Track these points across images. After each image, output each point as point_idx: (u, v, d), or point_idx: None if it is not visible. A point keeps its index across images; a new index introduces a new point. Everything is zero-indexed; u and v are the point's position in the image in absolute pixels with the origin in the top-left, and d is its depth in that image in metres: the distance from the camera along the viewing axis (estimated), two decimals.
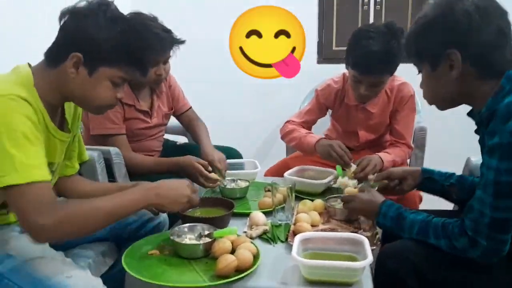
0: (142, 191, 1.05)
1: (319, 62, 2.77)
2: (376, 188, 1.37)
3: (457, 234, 0.97)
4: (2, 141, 0.89)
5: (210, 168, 1.59)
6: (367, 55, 1.60)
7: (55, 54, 1.04)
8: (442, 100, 1.09)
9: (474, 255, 0.95)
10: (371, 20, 2.68)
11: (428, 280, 0.99)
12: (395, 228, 1.11)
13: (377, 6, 2.67)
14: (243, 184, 1.60)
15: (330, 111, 2.04)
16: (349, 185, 1.54)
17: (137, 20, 1.57)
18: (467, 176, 1.29)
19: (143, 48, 1.11)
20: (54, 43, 1.06)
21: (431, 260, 1.00)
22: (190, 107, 2.02)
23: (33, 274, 0.95)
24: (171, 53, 1.67)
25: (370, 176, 1.46)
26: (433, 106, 1.15)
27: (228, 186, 1.59)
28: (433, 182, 1.30)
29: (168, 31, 1.63)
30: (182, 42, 1.64)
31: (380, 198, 1.20)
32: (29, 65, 1.07)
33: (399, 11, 2.64)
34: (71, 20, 1.03)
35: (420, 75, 1.11)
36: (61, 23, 1.04)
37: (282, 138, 1.97)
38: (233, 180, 1.63)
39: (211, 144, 1.82)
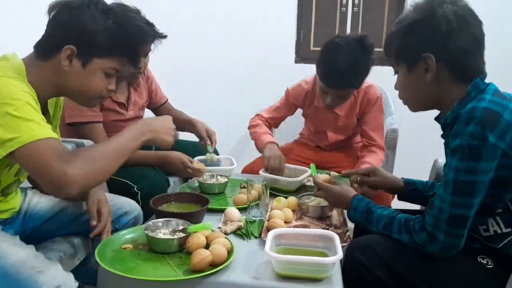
0: (138, 127, 1.07)
1: (296, 61, 2.80)
2: (348, 182, 1.42)
3: (417, 230, 1.02)
4: (9, 110, 0.90)
5: (193, 160, 1.66)
6: (334, 70, 1.63)
7: (47, 47, 1.05)
8: (415, 101, 1.13)
9: (433, 249, 1.00)
10: (349, 22, 2.73)
11: (395, 271, 1.03)
12: (364, 221, 1.16)
13: (355, 8, 2.72)
14: (222, 180, 1.62)
15: (301, 110, 2.08)
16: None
17: (120, 12, 1.57)
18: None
19: (137, 39, 1.14)
20: (44, 36, 1.06)
21: (397, 252, 1.05)
22: (167, 99, 2.05)
23: (3, 268, 0.94)
24: (152, 47, 1.67)
25: (352, 170, 1.49)
26: (405, 109, 1.19)
27: (207, 181, 1.60)
28: (417, 193, 1.34)
29: (151, 25, 1.62)
30: (164, 36, 1.64)
31: (351, 191, 1.25)
32: (16, 56, 1.06)
33: (376, 12, 2.70)
34: (63, 13, 1.03)
35: (396, 76, 1.15)
36: (51, 16, 1.04)
37: (248, 129, 2.03)
38: (213, 176, 1.64)
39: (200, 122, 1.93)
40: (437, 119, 1.14)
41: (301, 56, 2.81)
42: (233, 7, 2.75)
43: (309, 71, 2.12)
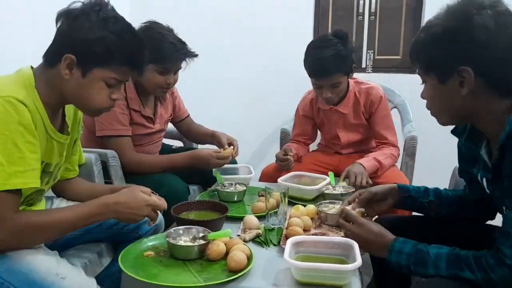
0: (100, 207, 1.07)
1: None
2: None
3: (494, 265, 0.89)
4: None
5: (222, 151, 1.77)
6: (318, 60, 1.81)
7: (52, 56, 1.06)
8: (445, 114, 1.03)
9: None
10: (366, 30, 2.74)
11: None
12: (413, 265, 0.99)
13: (372, 17, 2.72)
14: (240, 188, 1.64)
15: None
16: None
17: (154, 29, 1.65)
18: (440, 190, 1.27)
19: (139, 48, 1.11)
20: (50, 45, 1.08)
21: None
22: (188, 114, 2.11)
23: (28, 274, 0.96)
24: (183, 64, 1.73)
25: (353, 205, 1.30)
26: (423, 116, 1.18)
27: (226, 190, 1.62)
28: (412, 199, 1.27)
29: (183, 43, 1.69)
30: (195, 55, 1.72)
31: (389, 234, 1.09)
32: (31, 67, 1.09)
33: (393, 21, 2.70)
34: (65, 21, 1.05)
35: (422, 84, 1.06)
36: (57, 25, 1.06)
37: None
38: (232, 184, 1.67)
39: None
40: (454, 132, 1.09)
41: None
42: (249, 17, 2.79)
43: None
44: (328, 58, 1.78)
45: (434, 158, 2.50)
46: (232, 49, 2.84)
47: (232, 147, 1.85)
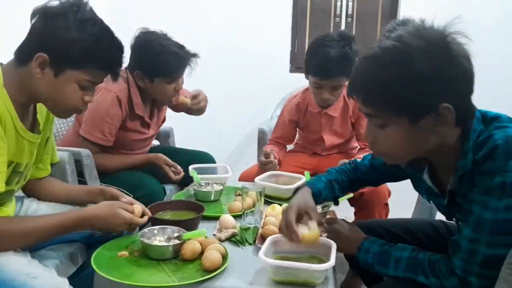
0: (76, 220, 1.09)
1: (291, 71, 2.84)
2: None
3: (445, 274, 0.92)
4: None
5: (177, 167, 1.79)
6: (326, 60, 1.74)
7: (23, 53, 1.03)
8: (406, 156, 0.97)
9: None
10: None
11: None
12: (377, 264, 1.04)
13: (349, 18, 2.77)
14: (217, 187, 1.64)
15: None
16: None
17: (154, 41, 1.67)
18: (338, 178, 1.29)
19: (117, 53, 1.10)
20: (23, 42, 1.05)
21: None
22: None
23: None
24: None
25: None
26: None
27: (203, 189, 1.62)
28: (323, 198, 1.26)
29: (182, 47, 1.71)
30: (195, 55, 1.74)
31: (361, 232, 1.14)
32: (1, 64, 1.06)
33: (369, 23, 2.76)
34: (40, 19, 1.02)
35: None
36: (31, 22, 1.03)
37: None
38: (208, 184, 1.66)
39: None
40: (410, 166, 1.03)
41: (296, 65, 2.84)
42: (228, 16, 2.79)
43: (304, 80, 2.16)
44: (335, 59, 1.73)
45: None
46: (210, 49, 2.80)
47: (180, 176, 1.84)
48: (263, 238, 1.21)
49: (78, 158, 1.60)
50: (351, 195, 1.45)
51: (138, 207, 1.22)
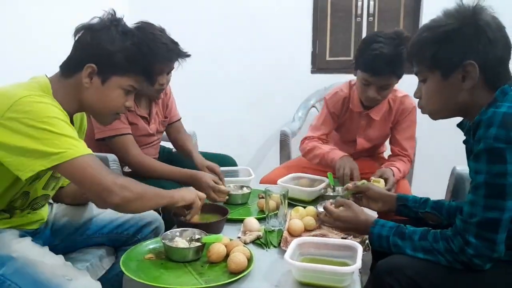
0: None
1: (312, 72, 2.82)
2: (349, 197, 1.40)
3: (451, 236, 1.01)
4: (48, 128, 0.97)
5: (220, 182, 1.63)
6: (378, 57, 1.67)
7: (71, 66, 1.13)
8: (443, 109, 1.10)
9: (469, 254, 0.97)
10: (364, 32, 2.75)
11: None
12: (392, 235, 1.09)
13: (370, 18, 2.74)
14: (246, 190, 1.65)
15: None
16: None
17: (147, 30, 1.63)
18: (443, 201, 1.30)
19: (152, 59, 1.22)
20: (69, 56, 1.14)
21: (427, 272, 1.01)
22: (180, 118, 2.04)
23: (34, 276, 0.98)
24: (176, 65, 1.72)
25: (349, 185, 1.44)
26: (421, 117, 1.20)
27: (232, 192, 1.63)
28: (407, 209, 1.32)
29: (176, 43, 1.68)
30: (188, 55, 1.70)
31: (363, 213, 1.22)
32: (46, 76, 1.13)
33: (391, 22, 2.71)
34: (86, 35, 1.12)
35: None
36: (76, 38, 1.13)
37: (304, 156, 2.00)
38: (239, 187, 1.68)
39: (201, 156, 1.87)
40: (460, 126, 1.14)
41: (317, 66, 2.83)
42: (248, 18, 2.80)
43: (326, 81, 2.16)
44: (388, 56, 1.66)
45: (433, 158, 2.52)
46: (232, 51, 2.85)
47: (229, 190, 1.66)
48: (287, 241, 1.22)
49: (105, 163, 1.63)
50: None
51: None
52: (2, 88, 1.04)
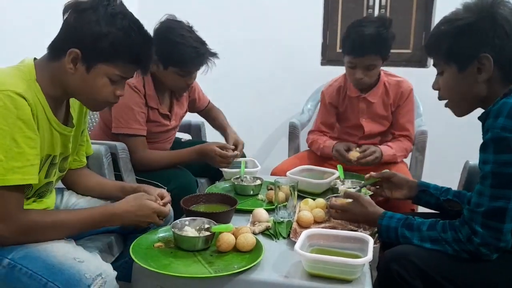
0: (107, 215, 1.13)
1: (322, 63, 2.80)
2: (367, 195, 1.41)
3: (459, 225, 1.02)
4: None
5: (230, 148, 1.77)
6: (360, 37, 1.78)
7: (57, 49, 1.05)
8: (462, 102, 1.12)
9: (476, 243, 0.98)
10: None
11: (433, 280, 1.01)
12: (401, 226, 1.11)
13: (382, 9, 2.70)
14: (257, 182, 1.65)
15: None
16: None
17: (175, 30, 1.65)
18: (464, 192, 1.30)
19: (145, 47, 1.10)
20: (56, 37, 1.06)
21: (434, 260, 1.03)
22: (209, 101, 2.14)
23: (46, 259, 0.98)
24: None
25: (373, 173, 1.45)
26: (434, 110, 1.18)
27: (243, 183, 1.63)
28: (429, 195, 1.33)
29: (204, 44, 1.70)
30: (215, 55, 1.72)
31: (371, 205, 1.22)
32: (35, 58, 1.08)
33: (403, 13, 2.67)
34: (72, 14, 1.03)
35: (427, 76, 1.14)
36: (64, 18, 1.04)
37: (309, 147, 2.13)
38: (252, 178, 1.68)
39: (234, 131, 2.03)
40: (480, 118, 1.13)
41: (327, 58, 2.81)
42: (258, 9, 2.78)
43: (336, 73, 2.13)
44: (368, 36, 1.76)
45: (445, 152, 2.49)
46: (242, 42, 2.83)
47: (236, 152, 1.80)
48: (298, 227, 1.23)
49: (114, 151, 1.64)
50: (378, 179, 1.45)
51: (167, 196, 1.27)
52: None
